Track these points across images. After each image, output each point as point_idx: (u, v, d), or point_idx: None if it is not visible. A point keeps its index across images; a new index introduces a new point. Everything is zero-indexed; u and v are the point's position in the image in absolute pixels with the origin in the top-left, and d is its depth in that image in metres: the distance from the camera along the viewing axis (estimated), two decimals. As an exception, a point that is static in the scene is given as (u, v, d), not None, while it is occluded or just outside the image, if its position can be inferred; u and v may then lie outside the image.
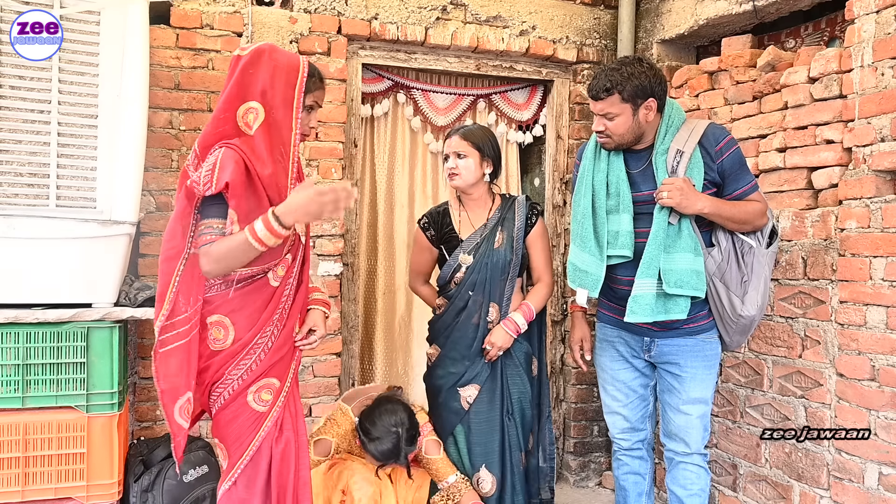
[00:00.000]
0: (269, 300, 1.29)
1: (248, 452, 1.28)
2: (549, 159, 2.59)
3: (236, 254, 1.19)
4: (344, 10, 2.22)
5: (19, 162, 1.61)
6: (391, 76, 2.43)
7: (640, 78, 1.47)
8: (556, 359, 2.59)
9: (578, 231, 1.58)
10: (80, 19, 1.64)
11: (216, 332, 1.26)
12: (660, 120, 1.54)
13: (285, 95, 1.25)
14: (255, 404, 1.29)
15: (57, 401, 1.63)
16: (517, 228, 1.74)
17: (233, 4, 2.11)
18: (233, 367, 1.27)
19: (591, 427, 2.56)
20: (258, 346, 1.28)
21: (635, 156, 1.56)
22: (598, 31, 2.54)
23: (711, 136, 1.50)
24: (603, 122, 1.51)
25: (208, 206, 1.23)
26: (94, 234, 1.65)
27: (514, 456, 1.71)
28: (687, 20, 2.28)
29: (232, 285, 1.27)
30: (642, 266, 1.48)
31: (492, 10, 2.39)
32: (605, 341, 1.71)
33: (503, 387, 1.73)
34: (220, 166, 1.18)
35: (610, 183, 1.54)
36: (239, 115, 1.24)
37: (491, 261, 1.71)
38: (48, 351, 1.62)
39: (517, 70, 2.48)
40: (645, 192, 1.53)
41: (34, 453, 1.60)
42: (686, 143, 1.49)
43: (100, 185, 1.67)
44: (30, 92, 1.61)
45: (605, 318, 1.71)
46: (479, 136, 1.74)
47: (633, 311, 1.49)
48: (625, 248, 1.50)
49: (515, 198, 1.80)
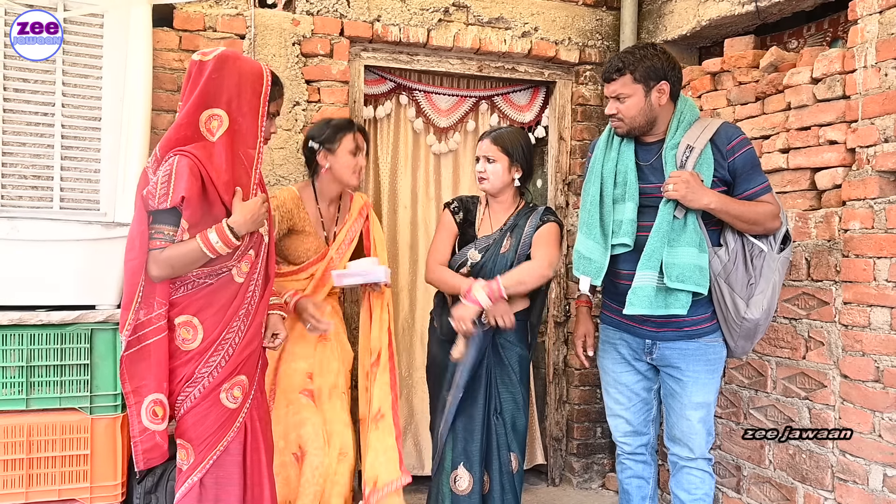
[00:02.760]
0: (235, 296, 1.32)
1: (217, 450, 1.29)
2: (552, 161, 2.58)
3: (186, 261, 1.27)
4: (346, 12, 2.21)
5: (23, 164, 1.61)
6: (393, 78, 2.43)
7: (652, 60, 1.47)
8: (560, 360, 2.58)
9: (585, 219, 1.58)
10: (83, 22, 1.64)
11: (185, 332, 1.28)
12: (672, 111, 1.52)
13: (251, 104, 1.28)
14: (228, 402, 1.30)
15: (61, 402, 1.63)
16: (525, 236, 1.71)
17: (235, 7, 2.11)
18: (202, 364, 1.29)
19: (595, 428, 2.55)
20: (226, 342, 1.30)
21: (646, 148, 1.55)
22: (601, 33, 2.53)
23: (724, 135, 1.48)
24: (615, 104, 1.50)
25: (160, 213, 1.26)
26: (98, 235, 1.65)
27: (503, 456, 1.67)
28: (689, 21, 2.27)
29: (196, 285, 1.30)
30: (644, 257, 1.46)
31: (494, 12, 2.38)
32: (607, 343, 1.68)
33: (489, 386, 1.68)
34: (175, 178, 1.22)
35: (619, 172, 1.53)
36: (202, 121, 1.26)
37: (495, 265, 1.69)
38: (52, 353, 1.62)
39: (519, 71, 2.48)
40: (653, 183, 1.51)
41: (38, 455, 1.60)
42: (697, 140, 1.47)
43: (103, 188, 1.66)
44: (33, 94, 1.61)
45: (607, 320, 1.68)
46: (509, 140, 1.72)
47: (632, 303, 1.46)
48: (626, 237, 1.49)
49: (536, 207, 1.78)
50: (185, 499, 1.30)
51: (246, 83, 1.27)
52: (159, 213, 1.26)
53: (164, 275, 1.27)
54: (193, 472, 1.30)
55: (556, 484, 2.55)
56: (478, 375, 1.67)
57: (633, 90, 1.47)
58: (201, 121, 1.26)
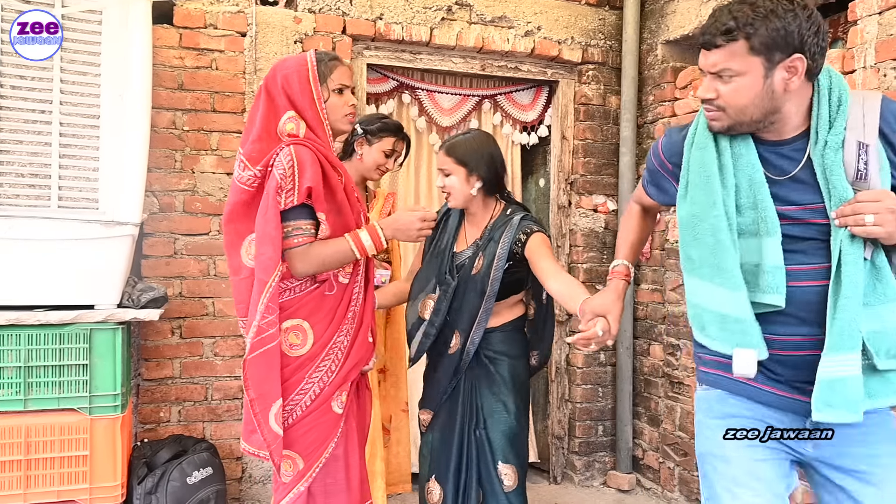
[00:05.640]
0: (341, 299, 1.25)
1: (324, 457, 1.20)
2: (554, 160, 2.52)
3: (336, 259, 1.20)
4: (349, 10, 2.15)
5: (20, 163, 1.55)
6: (396, 76, 2.36)
7: (783, 19, 0.88)
8: (562, 359, 2.52)
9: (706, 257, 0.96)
10: (81, 19, 1.58)
11: (293, 337, 1.19)
12: (812, 93, 0.94)
13: (305, 91, 1.21)
14: (337, 408, 1.23)
15: (59, 403, 1.57)
16: (497, 257, 1.42)
17: (236, 4, 2.05)
18: (313, 370, 1.20)
19: (596, 427, 2.49)
20: (336, 346, 1.22)
21: (772, 149, 0.95)
22: (603, 32, 2.46)
23: (890, 115, 0.91)
24: (715, 85, 0.93)
25: (292, 209, 1.18)
26: (97, 235, 1.59)
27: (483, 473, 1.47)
28: (692, 21, 2.21)
29: (303, 289, 1.22)
30: (836, 333, 0.89)
31: (497, 11, 2.31)
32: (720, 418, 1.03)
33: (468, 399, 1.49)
34: (298, 171, 1.15)
35: (740, 188, 0.95)
36: (280, 132, 1.20)
37: (466, 286, 1.45)
38: (50, 353, 1.56)
39: (522, 71, 2.41)
40: (797, 205, 0.93)
41: (36, 456, 1.54)
42: (867, 131, 0.91)
43: (102, 186, 1.60)
44: (31, 92, 1.54)
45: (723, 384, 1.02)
46: (463, 148, 1.45)
47: (831, 405, 0.89)
48: (776, 292, 0.92)
49: (512, 216, 1.46)
50: None
51: (293, 76, 1.21)
52: (292, 210, 1.17)
53: (313, 271, 1.19)
54: (300, 482, 1.19)
55: (557, 482, 2.50)
56: (455, 390, 1.51)
57: (747, 66, 0.90)
58: (280, 132, 1.20)
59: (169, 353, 1.99)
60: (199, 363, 2.02)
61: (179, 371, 2.01)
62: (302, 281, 1.22)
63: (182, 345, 2.01)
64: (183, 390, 2.00)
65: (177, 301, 1.99)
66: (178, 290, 2.00)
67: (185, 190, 2.00)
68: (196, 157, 2.02)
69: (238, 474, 2.06)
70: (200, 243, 2.02)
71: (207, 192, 2.02)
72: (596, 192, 2.48)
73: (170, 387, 1.99)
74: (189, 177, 2.01)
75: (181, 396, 2.00)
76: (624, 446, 2.43)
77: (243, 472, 2.07)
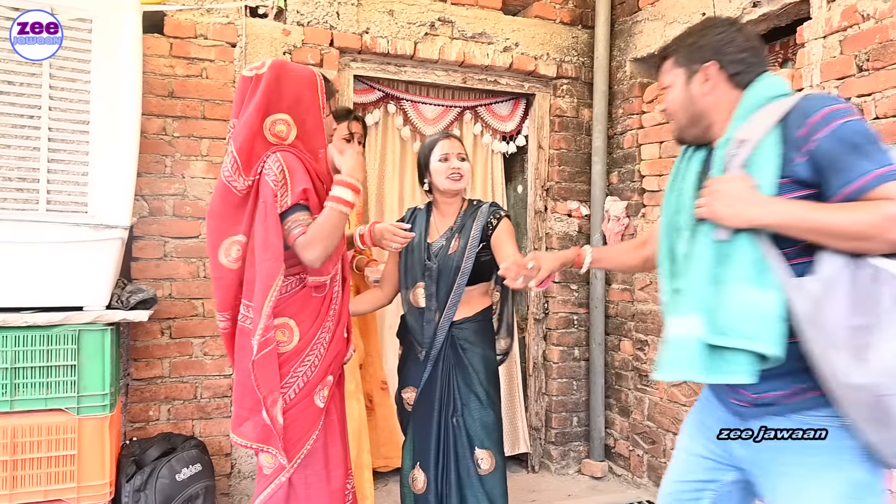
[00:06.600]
0: (324, 297, 1.23)
1: (305, 449, 1.18)
2: (531, 168, 2.52)
3: (332, 225, 1.15)
4: (336, 23, 2.12)
5: (8, 167, 1.47)
6: (382, 87, 2.34)
7: (702, 35, 0.96)
8: (539, 355, 2.51)
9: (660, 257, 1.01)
10: (71, 26, 1.51)
11: (280, 335, 1.17)
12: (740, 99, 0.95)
13: (312, 102, 1.20)
14: (319, 402, 1.21)
15: (47, 403, 1.49)
16: (472, 237, 1.51)
17: (227, 16, 2.00)
18: (298, 364, 1.18)
19: (571, 418, 2.49)
20: (319, 342, 1.21)
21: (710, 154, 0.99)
22: (577, 49, 2.48)
23: (798, 113, 0.86)
24: (665, 98, 1.05)
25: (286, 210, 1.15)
26: (86, 238, 1.52)
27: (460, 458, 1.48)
28: (657, 41, 2.23)
29: (289, 289, 1.20)
30: (678, 299, 0.93)
31: (477, 27, 2.31)
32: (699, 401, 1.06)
33: (444, 388, 1.51)
34: (289, 176, 1.13)
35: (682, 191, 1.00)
36: (265, 127, 1.16)
37: (445, 266, 1.51)
38: (38, 354, 1.48)
39: (501, 84, 2.41)
40: None
41: (22, 456, 1.46)
42: (753, 129, 0.89)
43: (91, 190, 1.53)
44: (19, 97, 1.47)
45: None
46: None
47: (664, 365, 0.91)
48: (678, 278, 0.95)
49: (480, 205, 1.57)
50: (271, 500, 1.17)
51: (303, 84, 1.19)
52: (288, 210, 1.15)
53: (321, 252, 1.14)
54: (282, 473, 1.17)
55: (535, 471, 2.49)
56: (432, 378, 1.51)
57: (674, 77, 1.00)
58: (265, 127, 1.16)
59: (159, 352, 1.92)
60: (188, 362, 1.95)
61: (169, 370, 1.94)
62: (289, 281, 1.19)
63: (172, 345, 1.94)
64: (172, 389, 1.93)
65: (166, 302, 1.92)
66: (167, 291, 1.93)
67: (175, 194, 1.94)
68: (186, 163, 1.95)
69: (227, 470, 1.99)
70: (190, 246, 1.96)
71: (197, 196, 1.96)
72: (570, 198, 2.50)
73: (159, 386, 1.92)
74: (179, 181, 1.95)
75: (170, 395, 1.93)
76: (597, 436, 2.43)
77: (232, 467, 2.00)
